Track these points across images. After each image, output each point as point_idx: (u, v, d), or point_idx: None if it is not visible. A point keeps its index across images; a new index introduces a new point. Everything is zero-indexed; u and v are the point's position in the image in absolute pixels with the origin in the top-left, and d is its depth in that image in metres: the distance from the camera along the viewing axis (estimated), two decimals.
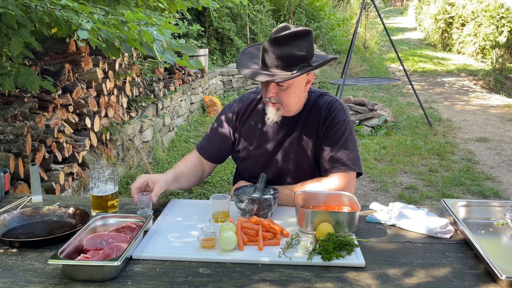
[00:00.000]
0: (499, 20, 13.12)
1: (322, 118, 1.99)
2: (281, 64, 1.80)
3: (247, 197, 1.77)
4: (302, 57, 1.81)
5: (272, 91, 1.88)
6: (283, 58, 1.79)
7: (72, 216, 1.79)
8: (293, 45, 1.79)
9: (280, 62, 1.80)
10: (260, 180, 1.90)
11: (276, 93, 1.88)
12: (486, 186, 4.96)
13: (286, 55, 1.79)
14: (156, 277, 1.38)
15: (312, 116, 2.00)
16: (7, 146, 3.18)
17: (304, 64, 1.83)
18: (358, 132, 7.00)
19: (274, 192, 1.84)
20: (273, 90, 1.87)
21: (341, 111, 2.00)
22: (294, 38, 1.79)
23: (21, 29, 2.48)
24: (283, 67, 1.80)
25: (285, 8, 11.70)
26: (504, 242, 1.65)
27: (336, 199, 1.80)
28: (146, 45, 2.44)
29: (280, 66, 1.80)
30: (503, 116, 8.44)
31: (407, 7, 27.77)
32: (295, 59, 1.80)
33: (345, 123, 1.98)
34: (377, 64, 13.21)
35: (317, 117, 1.99)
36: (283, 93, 1.89)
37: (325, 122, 1.98)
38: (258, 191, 1.83)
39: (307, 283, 1.35)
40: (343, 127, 1.97)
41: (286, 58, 1.79)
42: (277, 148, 2.03)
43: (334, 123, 1.97)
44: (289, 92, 1.89)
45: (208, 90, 8.73)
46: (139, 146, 5.30)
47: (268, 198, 1.77)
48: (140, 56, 6.15)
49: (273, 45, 1.79)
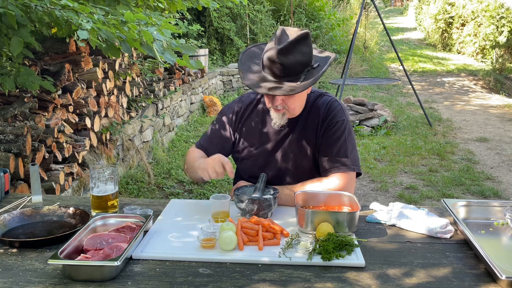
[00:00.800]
0: (499, 20, 13.12)
1: (321, 118, 1.99)
2: (289, 73, 1.78)
3: (247, 197, 1.78)
4: (306, 63, 1.81)
5: (279, 100, 1.87)
6: (291, 68, 1.77)
7: (72, 216, 1.79)
8: (297, 52, 1.77)
9: (288, 71, 1.78)
10: (260, 180, 1.90)
11: (283, 100, 1.88)
12: (486, 186, 4.96)
13: (292, 64, 1.77)
14: (156, 277, 1.38)
15: (311, 116, 2.00)
16: (7, 146, 3.19)
17: (308, 69, 1.82)
18: (358, 132, 7.00)
19: (274, 192, 1.84)
20: (280, 99, 1.86)
21: (340, 111, 2.00)
22: (297, 45, 1.77)
23: (21, 29, 2.48)
24: (291, 76, 1.79)
25: (285, 8, 11.70)
26: (504, 242, 1.65)
27: (336, 199, 1.80)
28: (146, 45, 2.44)
29: (288, 75, 1.79)
30: (503, 116, 8.44)
31: (407, 7, 27.77)
32: (301, 66, 1.79)
33: (344, 123, 1.98)
34: (377, 64, 13.21)
35: (316, 117, 2.00)
36: (290, 101, 1.89)
37: (324, 122, 1.98)
38: (258, 191, 1.83)
39: (307, 283, 1.35)
40: (342, 127, 1.97)
41: (293, 67, 1.78)
42: (276, 148, 2.03)
43: (333, 123, 1.97)
44: (295, 98, 1.90)
45: (208, 90, 8.74)
46: (139, 146, 5.30)
47: (268, 198, 1.77)
48: (140, 56, 6.15)
49: (280, 56, 1.75)
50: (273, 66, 1.78)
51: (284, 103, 1.89)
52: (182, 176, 5.14)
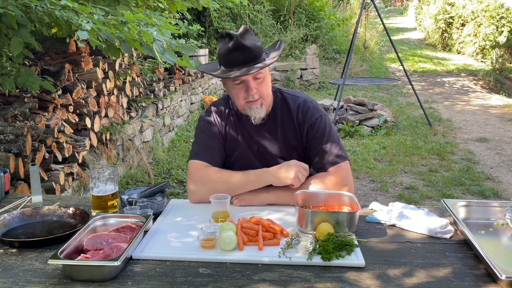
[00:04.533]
0: (499, 20, 13.12)
1: (299, 120, 2.02)
2: (253, 55, 1.85)
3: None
4: (261, 47, 1.90)
5: (253, 87, 1.90)
6: (253, 49, 1.85)
7: (72, 216, 1.79)
8: (251, 39, 1.87)
9: (251, 53, 1.85)
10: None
11: (256, 89, 1.92)
12: (486, 186, 4.95)
13: (253, 46, 1.85)
14: (156, 277, 1.38)
15: (285, 114, 2.03)
16: (7, 146, 3.19)
17: (265, 51, 1.94)
18: (358, 132, 7.00)
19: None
20: (254, 86, 1.90)
21: (315, 108, 2.04)
22: (247, 34, 1.87)
23: (21, 29, 2.48)
24: (254, 59, 1.86)
25: (285, 8, 11.70)
26: (504, 242, 1.65)
27: (336, 199, 1.81)
28: (146, 46, 2.44)
29: (252, 59, 1.86)
30: (503, 116, 8.44)
31: (407, 7, 27.77)
32: (259, 49, 1.88)
33: (323, 117, 2.02)
34: (377, 64, 13.21)
35: (289, 115, 2.03)
36: (262, 86, 1.93)
37: (304, 123, 2.01)
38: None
39: (307, 283, 1.35)
40: (323, 122, 2.01)
41: (256, 49, 1.86)
42: (257, 147, 2.04)
43: (312, 122, 2.01)
44: (265, 83, 1.94)
45: (208, 90, 8.74)
46: (139, 146, 5.30)
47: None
48: (140, 56, 6.15)
49: (241, 40, 1.83)
50: (235, 53, 1.84)
51: (258, 90, 1.92)
52: (182, 176, 5.14)
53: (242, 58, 1.84)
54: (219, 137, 2.06)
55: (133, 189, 1.91)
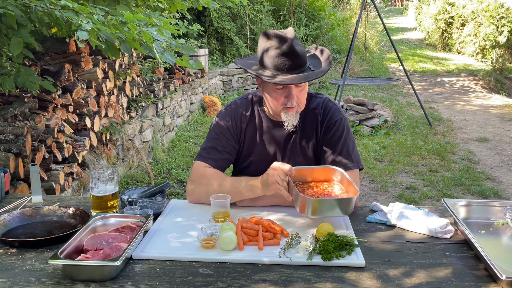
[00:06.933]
0: (499, 20, 13.12)
1: (319, 120, 2.00)
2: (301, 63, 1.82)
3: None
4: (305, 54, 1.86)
5: (295, 95, 1.86)
6: (303, 57, 1.82)
7: (72, 216, 1.79)
8: (301, 44, 1.83)
9: (300, 61, 1.81)
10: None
11: (297, 96, 1.88)
12: (486, 186, 4.95)
13: (303, 54, 1.82)
14: (156, 277, 1.38)
15: (308, 118, 2.01)
16: (7, 146, 3.18)
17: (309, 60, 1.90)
18: (358, 132, 7.00)
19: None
20: (295, 93, 1.87)
21: (336, 110, 2.01)
22: (296, 37, 1.82)
23: (21, 29, 2.48)
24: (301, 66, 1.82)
25: (285, 8, 11.70)
26: (504, 242, 1.65)
27: (323, 173, 1.85)
28: (146, 46, 2.44)
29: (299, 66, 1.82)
30: (503, 116, 8.44)
31: (407, 7, 27.77)
32: (306, 56, 1.85)
33: (342, 121, 1.99)
34: (377, 64, 13.21)
35: (313, 119, 2.00)
36: (301, 94, 1.90)
37: (322, 124, 1.99)
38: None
39: (307, 283, 1.35)
40: (341, 126, 1.98)
41: (304, 56, 1.83)
42: (278, 154, 2.02)
43: (331, 123, 1.98)
44: (304, 91, 1.91)
45: (208, 90, 8.74)
46: (139, 146, 5.30)
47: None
48: (140, 56, 6.15)
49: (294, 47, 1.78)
50: (286, 58, 1.79)
51: (297, 98, 1.88)
52: (182, 176, 5.14)
53: (291, 64, 1.80)
54: (231, 138, 2.01)
55: (133, 189, 1.91)
